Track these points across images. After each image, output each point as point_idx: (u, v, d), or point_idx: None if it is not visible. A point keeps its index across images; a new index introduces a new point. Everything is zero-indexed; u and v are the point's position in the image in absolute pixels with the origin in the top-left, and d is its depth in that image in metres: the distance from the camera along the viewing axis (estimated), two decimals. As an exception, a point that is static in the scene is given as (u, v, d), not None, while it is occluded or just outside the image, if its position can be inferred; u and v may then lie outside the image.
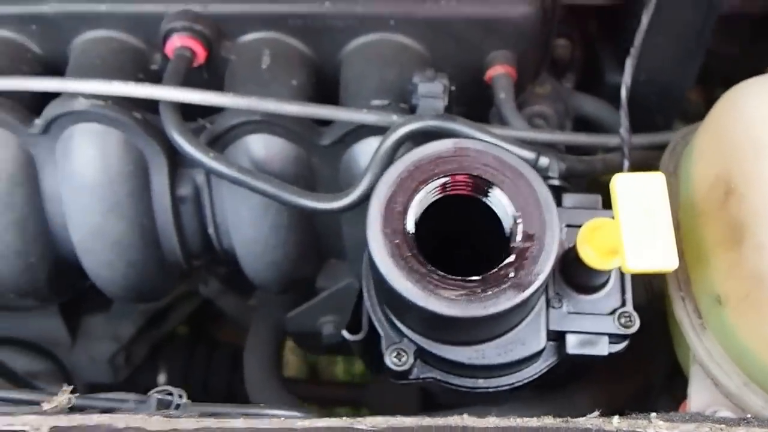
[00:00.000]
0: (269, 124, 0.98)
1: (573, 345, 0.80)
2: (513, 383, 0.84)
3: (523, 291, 0.71)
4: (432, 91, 0.93)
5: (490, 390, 0.84)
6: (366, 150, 0.99)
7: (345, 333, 0.92)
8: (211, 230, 1.07)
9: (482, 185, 0.75)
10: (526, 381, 0.84)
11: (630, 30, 1.05)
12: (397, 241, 0.74)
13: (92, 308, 1.55)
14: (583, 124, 1.17)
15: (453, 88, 0.95)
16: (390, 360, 0.81)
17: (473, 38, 1.02)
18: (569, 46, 1.19)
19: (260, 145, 1.00)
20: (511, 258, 0.72)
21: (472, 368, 0.81)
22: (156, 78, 1.00)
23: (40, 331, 1.48)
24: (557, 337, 0.81)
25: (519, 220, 0.74)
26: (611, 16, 1.18)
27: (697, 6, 1.03)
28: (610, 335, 0.80)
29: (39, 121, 1.00)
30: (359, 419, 0.68)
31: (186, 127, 0.96)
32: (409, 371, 0.82)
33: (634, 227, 0.68)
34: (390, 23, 1.01)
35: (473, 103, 1.03)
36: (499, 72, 1.01)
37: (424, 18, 1.01)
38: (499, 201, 0.75)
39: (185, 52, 1.00)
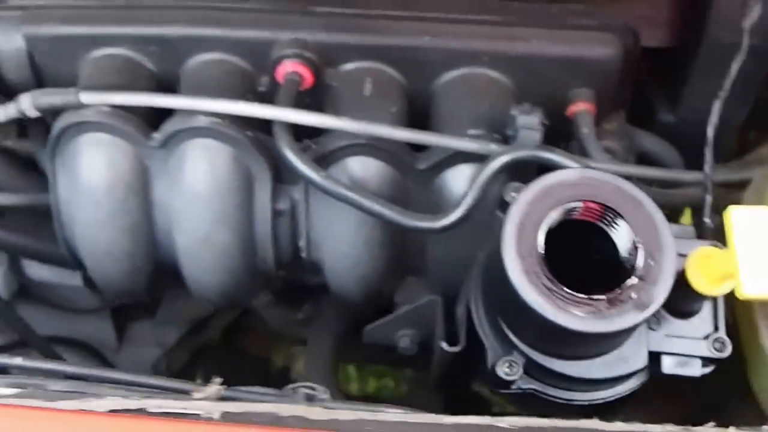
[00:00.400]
0: (372, 147, 1.06)
1: (669, 366, 0.89)
2: (607, 398, 0.92)
3: (645, 311, 0.80)
4: (530, 123, 1.02)
5: (584, 403, 0.92)
6: (458, 176, 1.08)
7: (444, 345, 1.00)
8: (302, 243, 1.15)
9: (609, 213, 0.83)
10: (618, 396, 0.92)
11: (685, 71, 1.15)
12: (529, 259, 0.82)
13: (139, 314, 1.61)
14: (639, 159, 1.26)
15: (546, 122, 1.03)
16: (502, 370, 0.89)
17: (558, 76, 1.10)
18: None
19: (361, 167, 1.07)
20: (634, 280, 0.81)
21: (576, 381, 0.90)
22: (262, 99, 1.07)
23: (90, 333, 1.53)
24: (653, 357, 0.90)
25: (639, 245, 0.82)
26: (664, 57, 1.27)
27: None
28: (703, 358, 0.89)
29: (158, 135, 1.07)
30: (498, 418, 0.76)
31: (298, 147, 1.03)
32: (514, 382, 0.90)
33: (749, 255, 0.76)
34: (483, 59, 1.09)
35: (553, 135, 1.12)
36: (581, 108, 1.10)
37: (515, 55, 1.10)
38: (621, 228, 0.84)
39: (295, 77, 1.07)
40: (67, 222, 1.13)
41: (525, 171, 1.01)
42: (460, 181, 1.07)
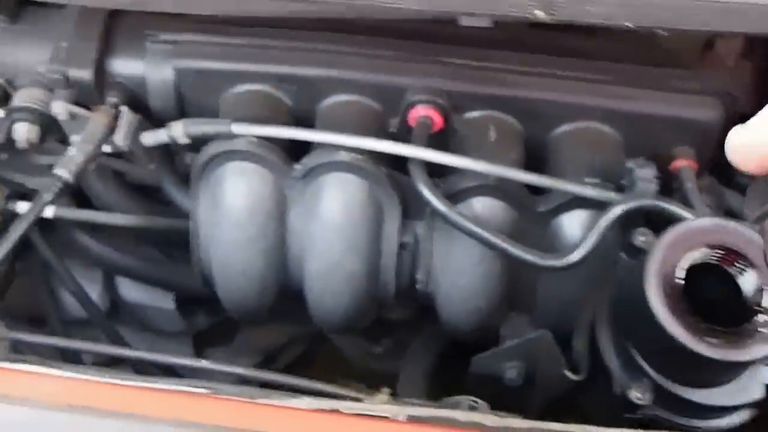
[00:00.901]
0: (497, 188, 1.16)
1: (782, 398, 0.99)
2: (721, 427, 1.02)
3: (773, 344, 0.90)
4: (647, 175, 1.12)
5: (701, 429, 1.02)
6: (572, 219, 1.17)
7: (568, 373, 1.09)
8: (420, 275, 1.23)
9: (740, 260, 0.93)
10: (731, 426, 1.02)
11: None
12: (670, 293, 0.92)
13: (217, 341, 1.69)
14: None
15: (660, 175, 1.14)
16: (634, 395, 0.98)
17: (664, 134, 1.20)
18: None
19: (485, 206, 1.17)
20: (765, 317, 0.91)
21: (698, 408, 0.99)
22: (392, 140, 1.17)
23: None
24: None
25: (766, 288, 0.92)
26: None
27: None
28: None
29: (299, 167, 1.16)
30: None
31: (433, 184, 1.13)
32: (642, 407, 0.99)
33: None
34: (597, 114, 1.20)
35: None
36: (684, 164, 1.20)
37: (626, 112, 1.20)
38: (749, 273, 0.94)
39: (427, 121, 1.17)
40: (204, 242, 1.22)
41: (635, 219, 1.11)
42: (574, 224, 1.17)
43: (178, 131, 1.17)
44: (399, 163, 1.17)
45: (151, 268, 1.54)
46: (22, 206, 1.40)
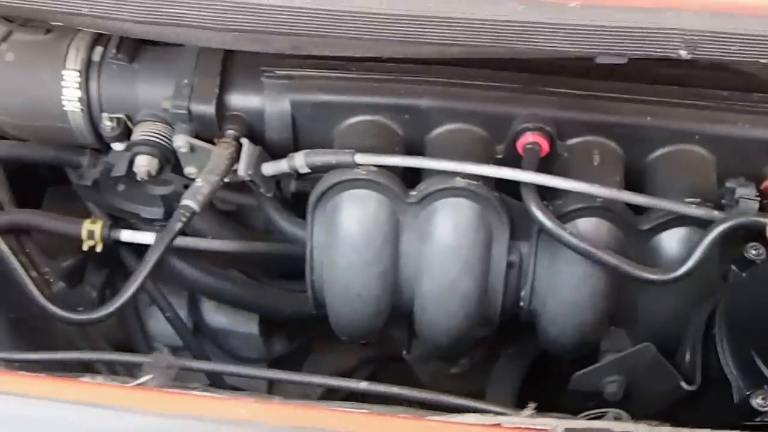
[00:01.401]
0: (603, 209, 1.22)
1: None
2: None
3: None
4: (748, 193, 1.19)
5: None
6: (673, 237, 1.24)
7: (683, 384, 1.16)
8: (524, 293, 1.30)
9: None
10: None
11: None
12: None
13: (288, 366, 1.74)
14: None
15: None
16: (756, 402, 1.05)
17: (757, 155, 1.27)
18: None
19: (590, 226, 1.23)
20: None
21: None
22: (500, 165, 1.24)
23: (246, 381, 1.64)
24: None
25: None
26: None
27: None
28: None
29: (415, 193, 1.23)
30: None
31: (544, 206, 1.19)
32: (761, 413, 1.06)
33: None
34: (694, 137, 1.27)
35: None
36: (775, 184, 1.27)
37: (722, 136, 1.27)
38: None
39: (535, 147, 1.24)
40: (318, 266, 1.28)
41: (734, 236, 1.18)
42: (674, 241, 1.24)
43: (300, 161, 1.23)
44: (503, 187, 1.23)
45: (241, 290, 1.60)
46: (125, 234, 1.47)
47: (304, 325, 1.78)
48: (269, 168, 1.27)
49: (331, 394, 1.74)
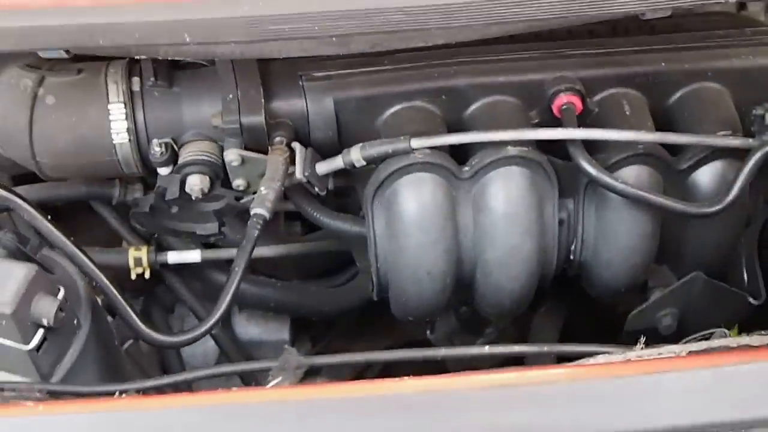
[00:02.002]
0: (644, 155, 1.31)
1: None
2: None
3: None
4: (778, 118, 1.29)
5: None
6: (709, 172, 1.33)
7: (751, 299, 1.25)
8: (574, 246, 1.38)
9: None
10: None
11: None
12: None
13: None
14: None
15: None
16: None
17: (765, 81, 1.37)
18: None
19: (634, 173, 1.31)
20: None
21: None
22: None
23: None
24: None
25: None
26: None
27: None
28: None
29: (467, 168, 1.29)
30: None
31: (593, 161, 1.27)
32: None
33: None
34: (708, 75, 1.36)
35: None
36: (789, 104, 1.37)
37: (732, 69, 1.37)
38: None
39: (571, 106, 1.31)
40: (382, 253, 1.33)
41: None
42: (710, 175, 1.33)
43: (356, 155, 1.28)
44: (545, 149, 1.30)
45: (284, 294, 1.65)
46: (171, 256, 1.50)
47: (329, 326, 1.82)
48: (324, 167, 1.31)
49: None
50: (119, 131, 1.32)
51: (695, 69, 1.36)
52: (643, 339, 1.06)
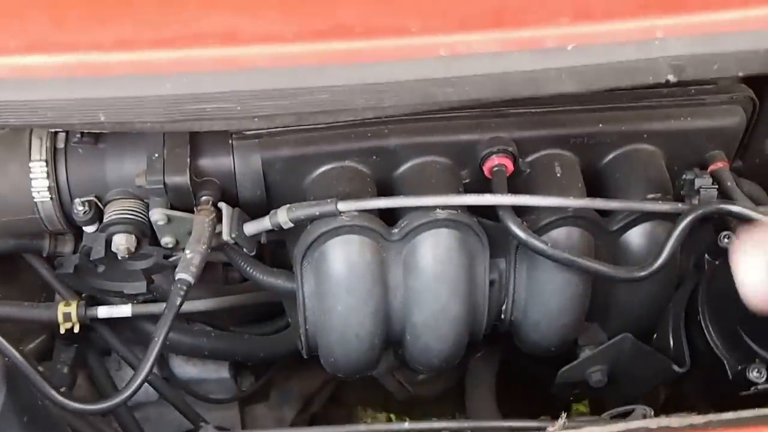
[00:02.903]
0: (575, 217, 1.30)
1: None
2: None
3: None
4: (706, 182, 1.28)
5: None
6: (639, 233, 1.33)
7: (675, 366, 1.25)
8: (505, 306, 1.37)
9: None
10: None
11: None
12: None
13: (256, 399, 1.78)
14: None
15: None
16: (752, 374, 1.14)
17: (699, 143, 1.37)
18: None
19: (565, 235, 1.30)
20: None
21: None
22: (467, 189, 1.31)
23: (219, 421, 1.67)
24: None
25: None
26: None
27: None
28: None
29: (397, 230, 1.27)
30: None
31: (523, 224, 1.26)
32: (758, 383, 1.15)
33: None
34: (643, 136, 1.36)
35: None
36: (720, 166, 1.36)
37: (668, 131, 1.36)
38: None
39: (502, 168, 1.30)
40: (311, 314, 1.31)
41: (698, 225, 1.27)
42: (641, 236, 1.33)
43: (283, 217, 1.26)
44: (476, 209, 1.29)
45: (216, 343, 1.62)
46: (102, 311, 1.47)
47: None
48: (252, 227, 1.29)
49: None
50: (40, 190, 1.29)
51: (631, 131, 1.35)
52: (564, 415, 1.05)
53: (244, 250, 1.32)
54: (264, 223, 1.28)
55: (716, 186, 1.28)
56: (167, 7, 0.94)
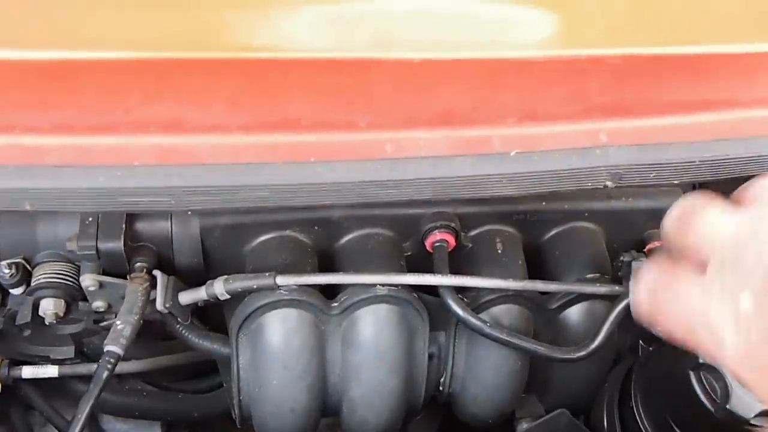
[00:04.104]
0: (515, 296, 1.30)
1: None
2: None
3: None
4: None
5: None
6: (578, 311, 1.33)
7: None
8: (443, 379, 1.36)
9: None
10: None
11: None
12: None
13: None
14: None
15: None
16: None
17: (639, 222, 1.38)
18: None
19: (506, 312, 1.30)
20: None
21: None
22: (408, 262, 1.30)
23: None
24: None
25: None
26: None
27: None
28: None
29: (336, 305, 1.25)
30: None
31: (462, 302, 1.25)
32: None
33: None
34: (585, 215, 1.36)
35: None
36: (658, 245, 1.38)
37: (608, 210, 1.37)
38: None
39: (444, 244, 1.29)
40: (245, 386, 1.29)
41: None
42: (579, 314, 1.33)
43: (220, 289, 1.23)
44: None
45: (147, 402, 1.58)
46: (26, 371, 1.42)
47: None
48: (187, 297, 1.26)
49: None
50: None
51: (573, 209, 1.35)
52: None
53: (179, 319, 1.28)
54: (200, 294, 1.25)
55: (653, 270, 1.28)
56: (111, 94, 0.90)
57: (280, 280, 1.22)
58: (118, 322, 1.21)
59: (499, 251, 1.33)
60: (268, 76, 0.93)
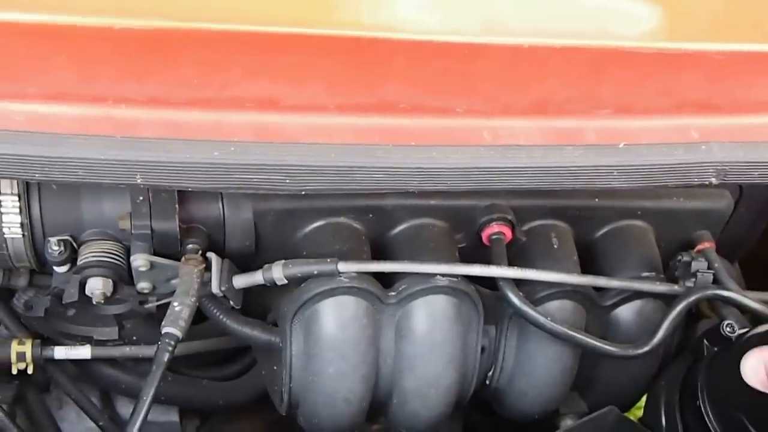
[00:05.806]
0: (571, 291, 1.29)
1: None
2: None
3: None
4: (702, 266, 1.29)
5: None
6: (629, 309, 1.33)
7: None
8: (491, 373, 1.35)
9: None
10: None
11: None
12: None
13: None
14: None
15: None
16: None
17: (688, 223, 1.38)
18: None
19: (559, 308, 1.29)
20: None
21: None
22: (462, 253, 1.28)
23: None
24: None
25: None
26: None
27: None
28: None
29: (394, 294, 1.23)
30: None
31: (522, 296, 1.24)
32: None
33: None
34: (637, 213, 1.36)
35: None
36: (707, 246, 1.37)
37: (661, 209, 1.37)
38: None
39: (501, 236, 1.28)
40: (297, 374, 1.26)
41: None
42: (632, 313, 1.33)
43: (278, 274, 1.20)
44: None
45: (169, 388, 1.55)
46: (59, 352, 1.38)
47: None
48: (242, 281, 1.23)
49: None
50: (11, 226, 1.19)
51: (625, 207, 1.35)
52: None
53: (231, 303, 1.25)
54: (256, 277, 1.22)
55: (712, 271, 1.28)
56: (209, 68, 0.87)
57: (343, 266, 1.20)
58: (175, 304, 1.17)
59: (555, 246, 1.31)
60: (371, 57, 0.91)
